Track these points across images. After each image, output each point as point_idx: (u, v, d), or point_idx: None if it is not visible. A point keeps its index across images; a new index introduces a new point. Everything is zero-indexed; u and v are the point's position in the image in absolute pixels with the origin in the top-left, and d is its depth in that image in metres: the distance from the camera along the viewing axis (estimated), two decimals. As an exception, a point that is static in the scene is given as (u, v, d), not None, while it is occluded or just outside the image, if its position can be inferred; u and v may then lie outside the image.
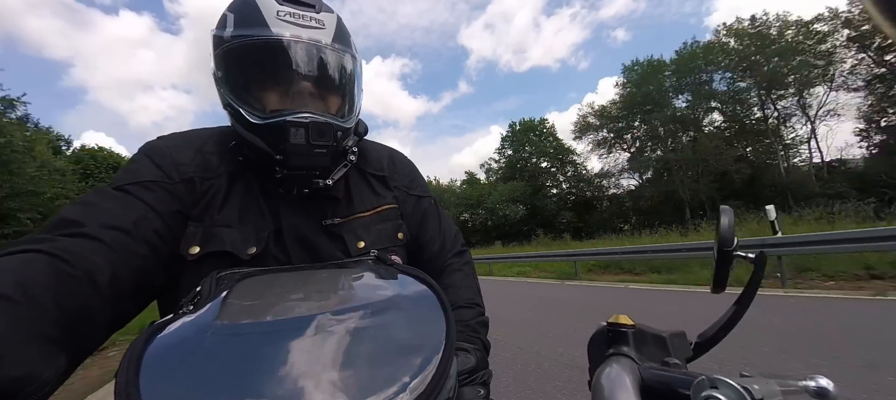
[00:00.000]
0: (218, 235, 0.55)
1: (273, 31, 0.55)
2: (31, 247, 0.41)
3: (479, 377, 0.56)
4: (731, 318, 0.44)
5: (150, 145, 0.59)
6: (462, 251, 0.79)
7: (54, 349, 0.37)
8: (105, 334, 0.44)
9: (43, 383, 0.35)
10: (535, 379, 3.01)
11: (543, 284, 9.35)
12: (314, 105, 0.58)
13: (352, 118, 0.63)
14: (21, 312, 0.34)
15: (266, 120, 0.55)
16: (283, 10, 0.56)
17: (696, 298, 5.42)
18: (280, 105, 0.57)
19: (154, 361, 0.29)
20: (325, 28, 0.59)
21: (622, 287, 7.42)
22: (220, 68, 0.58)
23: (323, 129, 0.56)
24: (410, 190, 0.76)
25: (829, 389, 0.33)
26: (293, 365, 0.30)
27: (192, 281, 0.45)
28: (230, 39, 0.56)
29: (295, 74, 0.57)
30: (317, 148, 0.56)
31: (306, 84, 0.58)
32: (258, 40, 0.55)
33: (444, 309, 0.37)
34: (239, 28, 0.56)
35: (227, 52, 0.56)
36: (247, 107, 0.56)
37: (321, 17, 0.59)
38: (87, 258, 0.42)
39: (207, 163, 0.59)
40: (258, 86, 0.58)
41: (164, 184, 0.54)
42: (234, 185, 0.59)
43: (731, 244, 0.42)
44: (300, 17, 0.57)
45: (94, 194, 0.51)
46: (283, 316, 0.37)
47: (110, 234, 0.46)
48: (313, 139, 0.55)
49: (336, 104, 0.61)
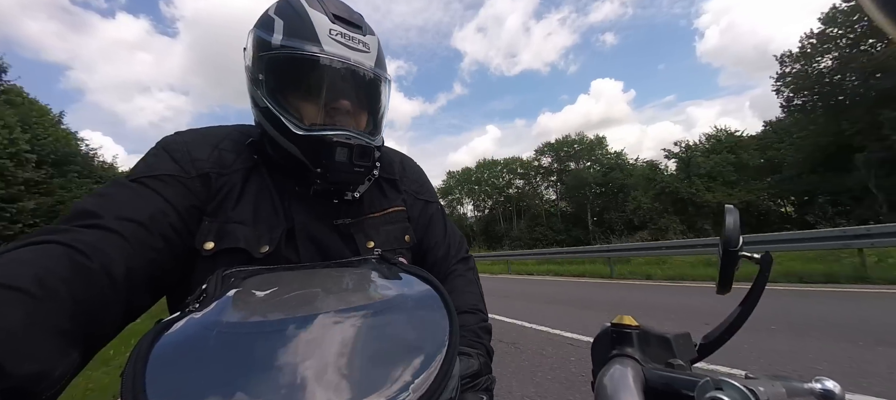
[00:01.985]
0: (232, 231, 0.55)
1: (326, 50, 0.56)
2: (49, 238, 0.41)
3: (482, 383, 0.56)
4: (737, 319, 0.43)
5: (167, 139, 0.60)
6: (466, 257, 0.80)
7: (68, 343, 0.37)
8: (118, 328, 0.45)
9: (57, 379, 0.35)
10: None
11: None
12: (350, 122, 0.61)
13: (380, 136, 0.66)
14: (38, 307, 0.35)
15: (309, 133, 0.57)
16: (335, 30, 0.57)
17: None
18: (318, 119, 0.59)
19: (160, 360, 0.30)
20: (369, 52, 0.60)
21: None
22: (261, 72, 0.58)
23: (366, 152, 0.60)
24: (419, 195, 0.78)
25: (835, 391, 0.33)
26: (297, 363, 0.30)
27: (204, 276, 0.45)
28: (279, 47, 0.56)
29: (339, 94, 0.59)
30: (357, 167, 0.59)
31: (345, 103, 0.60)
32: (311, 57, 0.56)
33: (448, 309, 0.37)
34: (289, 38, 0.56)
35: (274, 58, 0.57)
36: (288, 115, 0.57)
37: (367, 41, 0.60)
38: (103, 251, 0.42)
39: (223, 159, 0.59)
40: (300, 96, 0.59)
41: (181, 178, 0.54)
42: (248, 183, 0.60)
43: (737, 244, 0.41)
44: (350, 39, 0.58)
45: (112, 186, 0.52)
46: (287, 315, 0.37)
47: (127, 226, 0.46)
48: (356, 160, 0.58)
49: (367, 122, 0.64)
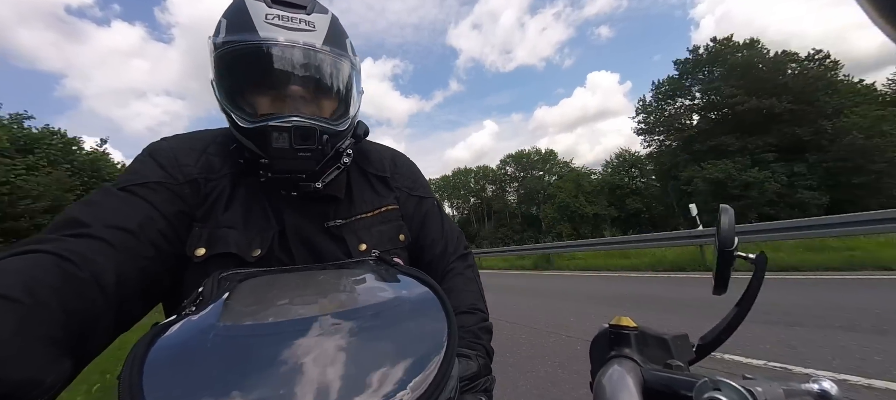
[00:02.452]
0: (223, 236, 0.55)
1: (260, 36, 0.54)
2: (37, 247, 0.40)
3: (481, 384, 0.56)
4: (734, 319, 0.43)
5: (154, 146, 0.59)
6: (465, 254, 0.78)
7: (60, 352, 0.37)
8: (110, 337, 0.44)
9: (48, 387, 0.35)
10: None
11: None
12: (307, 109, 0.57)
13: (345, 121, 0.62)
14: (28, 315, 0.34)
15: (253, 124, 0.55)
16: (271, 13, 0.55)
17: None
18: (271, 109, 0.56)
19: (157, 363, 0.29)
20: (315, 30, 0.57)
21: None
22: (213, 73, 0.58)
23: (306, 133, 0.55)
24: (412, 191, 0.76)
25: (832, 392, 0.33)
26: (294, 366, 0.30)
27: (197, 283, 0.44)
28: (221, 45, 0.55)
29: (282, 78, 0.56)
30: (300, 152, 0.55)
31: (296, 88, 0.57)
32: (245, 45, 0.54)
33: (446, 310, 0.37)
34: (230, 33, 0.55)
35: (219, 57, 0.56)
36: (238, 111, 0.56)
37: (312, 19, 0.57)
38: (93, 260, 0.42)
39: (211, 164, 0.59)
40: (249, 90, 0.57)
41: (169, 185, 0.54)
42: (237, 187, 0.59)
43: (732, 244, 0.42)
44: (289, 20, 0.55)
45: (99, 194, 0.51)
46: (284, 317, 0.37)
47: (116, 234, 0.46)
48: (296, 143, 0.54)
49: (330, 107, 0.61)
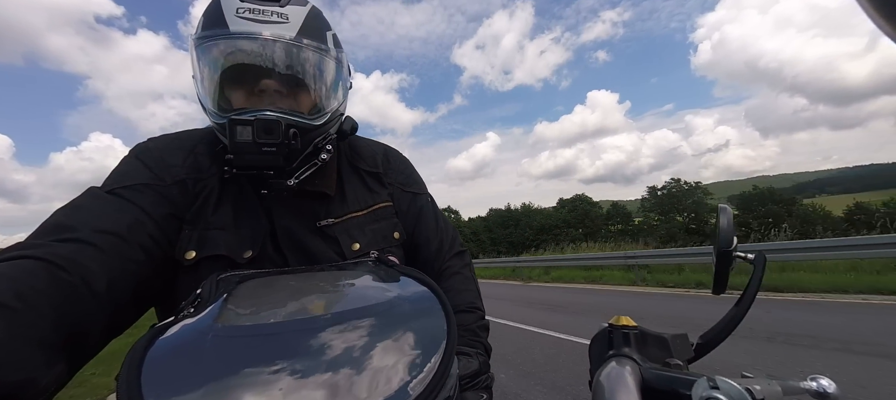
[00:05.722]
0: (213, 238, 0.54)
1: (230, 30, 0.53)
2: (25, 253, 0.40)
3: (482, 381, 0.56)
4: (732, 319, 0.43)
5: (139, 147, 0.58)
6: (461, 252, 0.76)
7: (53, 355, 0.36)
8: (103, 341, 0.44)
9: (43, 388, 0.35)
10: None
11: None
12: (283, 103, 0.56)
13: (324, 115, 0.59)
14: (19, 319, 0.34)
15: (221, 119, 0.54)
16: (242, 7, 0.54)
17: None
18: (246, 104, 0.55)
19: (155, 364, 0.29)
20: (288, 22, 0.56)
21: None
22: (192, 70, 0.57)
23: (270, 127, 0.52)
24: (406, 187, 0.74)
25: (830, 389, 0.33)
26: (293, 366, 0.30)
27: (189, 285, 0.44)
28: (196, 42, 0.55)
29: (253, 72, 0.55)
30: (264, 146, 0.52)
31: (269, 81, 0.55)
32: (216, 39, 0.54)
33: (445, 309, 0.37)
34: (204, 29, 0.55)
35: (194, 53, 0.56)
36: (211, 108, 0.55)
37: (286, 11, 0.56)
38: (82, 264, 0.41)
39: (199, 164, 0.58)
40: (224, 85, 0.56)
41: (156, 187, 0.53)
42: (226, 187, 0.58)
43: (731, 244, 0.42)
44: (260, 13, 0.54)
45: (85, 197, 0.50)
46: (283, 318, 0.37)
47: (104, 238, 0.45)
48: (259, 137, 0.52)
49: (307, 101, 0.59)
